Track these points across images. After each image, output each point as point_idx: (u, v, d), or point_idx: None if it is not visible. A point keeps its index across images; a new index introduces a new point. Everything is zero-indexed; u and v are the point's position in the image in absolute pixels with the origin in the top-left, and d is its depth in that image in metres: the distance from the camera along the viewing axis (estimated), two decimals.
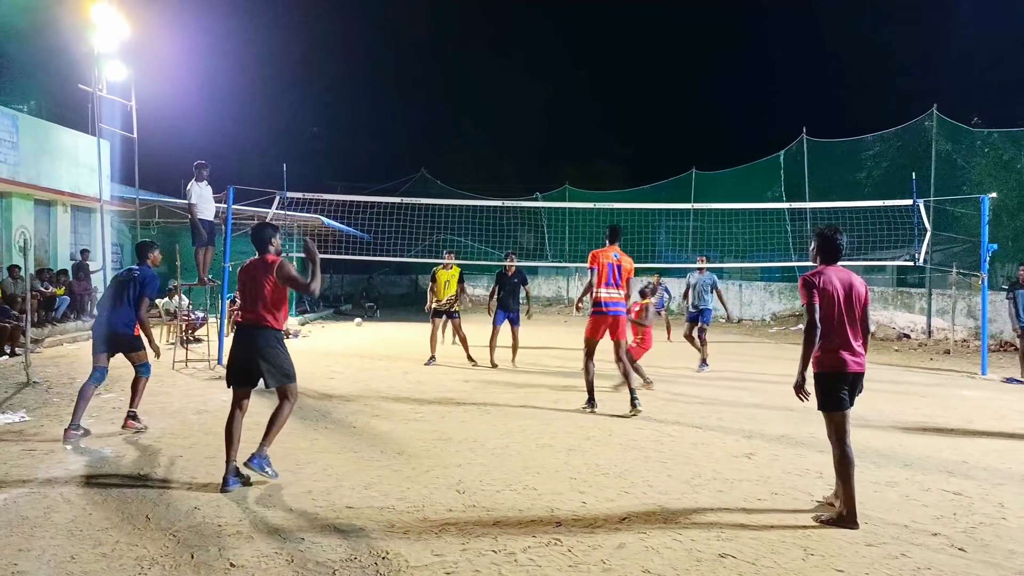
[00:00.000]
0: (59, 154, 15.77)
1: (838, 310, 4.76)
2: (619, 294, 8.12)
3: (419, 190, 30.75)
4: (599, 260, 8.10)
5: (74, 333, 14.16)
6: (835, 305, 4.76)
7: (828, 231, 5.03)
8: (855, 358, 4.77)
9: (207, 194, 11.11)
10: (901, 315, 18.17)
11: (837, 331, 4.76)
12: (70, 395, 8.42)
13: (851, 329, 4.78)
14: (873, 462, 6.10)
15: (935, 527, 4.58)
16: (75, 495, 4.90)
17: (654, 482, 5.43)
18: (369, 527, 4.40)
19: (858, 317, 4.83)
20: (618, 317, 8.08)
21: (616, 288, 8.10)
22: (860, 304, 4.84)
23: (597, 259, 8.11)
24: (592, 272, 8.10)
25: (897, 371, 12.16)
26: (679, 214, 23.27)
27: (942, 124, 17.83)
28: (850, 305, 4.79)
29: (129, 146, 17.48)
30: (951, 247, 17.16)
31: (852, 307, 4.80)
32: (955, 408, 8.74)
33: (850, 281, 4.86)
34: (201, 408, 7.86)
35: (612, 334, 8.12)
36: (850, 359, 4.75)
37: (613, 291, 8.08)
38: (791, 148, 22.45)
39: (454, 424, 7.32)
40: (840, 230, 5.05)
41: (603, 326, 8.07)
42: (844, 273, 4.90)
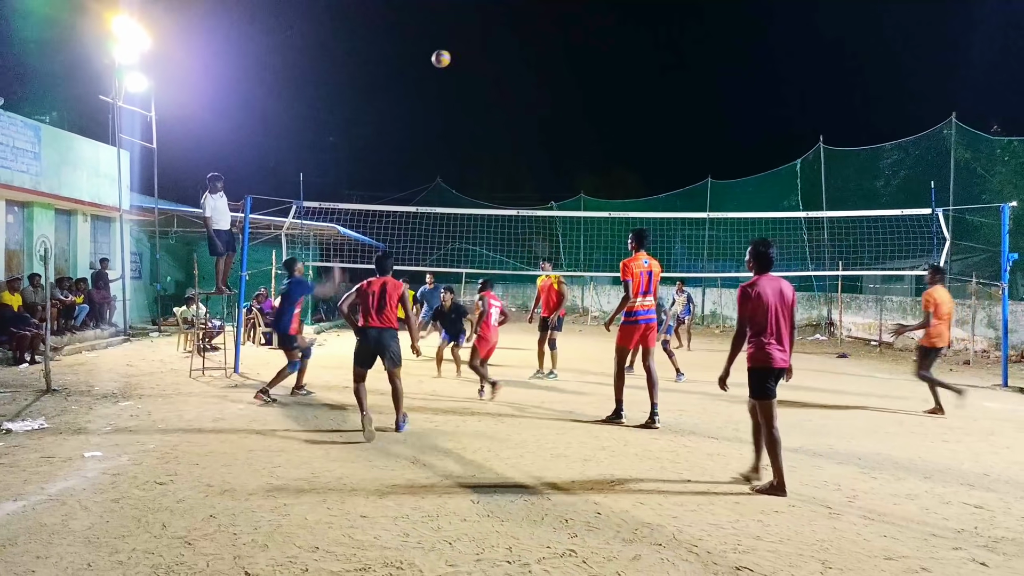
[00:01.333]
0: (80, 164, 15.97)
1: (771, 314, 5.50)
2: (652, 301, 8.06)
3: (434, 199, 30.86)
4: (632, 270, 7.95)
5: (93, 341, 14.31)
6: (768, 310, 5.49)
7: (761, 245, 5.75)
8: (782, 355, 5.56)
9: (222, 206, 11.19)
10: None
11: (770, 332, 5.50)
12: (88, 403, 8.51)
13: (781, 330, 5.54)
14: (892, 474, 6.02)
15: (956, 541, 4.51)
16: (92, 502, 4.94)
17: (670, 493, 5.39)
18: (383, 537, 4.40)
19: (786, 319, 5.57)
20: (650, 325, 8.01)
21: (650, 295, 8.03)
22: (788, 308, 5.61)
23: (630, 269, 7.96)
24: (627, 285, 7.96)
25: (916, 382, 11.99)
26: (694, 223, 23.18)
27: (961, 132, 17.68)
28: (780, 309, 5.54)
29: (148, 156, 17.74)
30: (971, 257, 16.99)
31: (781, 311, 5.54)
32: (976, 420, 8.63)
33: (780, 288, 5.61)
34: (217, 416, 7.90)
35: (643, 342, 8.05)
36: (778, 355, 5.54)
37: (648, 299, 8.00)
38: (808, 156, 22.34)
39: (469, 433, 7.31)
40: (771, 243, 5.78)
41: (636, 335, 7.98)
42: (775, 281, 5.65)
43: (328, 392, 9.65)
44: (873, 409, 9.24)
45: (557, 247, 29.84)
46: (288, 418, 7.93)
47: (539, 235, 28.82)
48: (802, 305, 22.11)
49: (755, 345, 5.53)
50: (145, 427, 7.29)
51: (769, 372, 5.51)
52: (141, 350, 14.15)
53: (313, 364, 12.74)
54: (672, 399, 9.23)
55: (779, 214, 19.56)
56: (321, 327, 20.19)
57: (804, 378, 12.17)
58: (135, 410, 8.15)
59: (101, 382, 10.11)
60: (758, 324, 5.50)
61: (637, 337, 7.99)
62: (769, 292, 5.52)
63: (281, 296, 9.78)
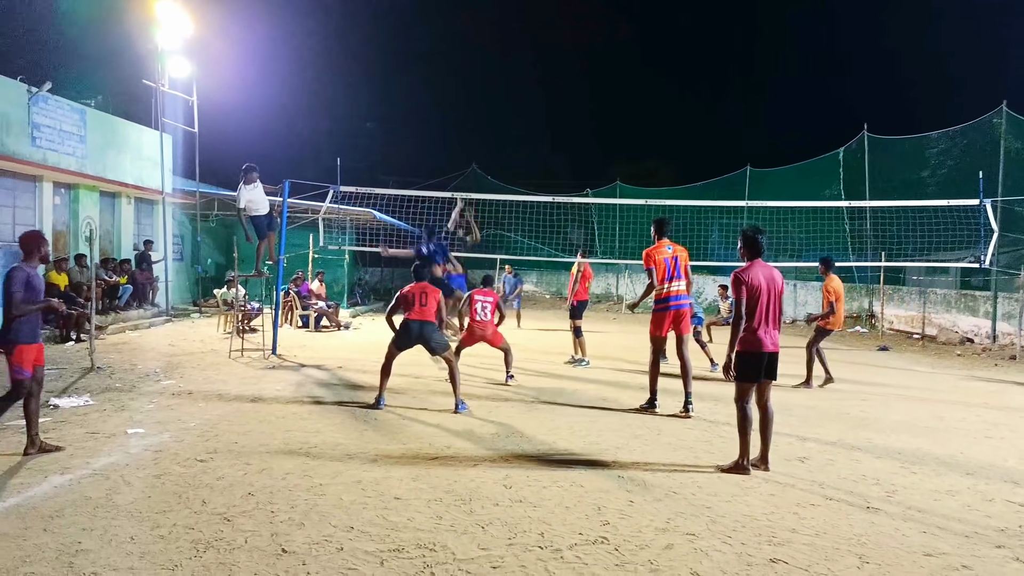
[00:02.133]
0: (124, 147, 16.29)
1: (763, 300, 5.64)
2: (681, 286, 7.95)
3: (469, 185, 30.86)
4: (654, 258, 7.96)
5: (136, 321, 14.64)
6: (760, 296, 5.64)
7: (751, 231, 5.89)
8: (772, 340, 5.69)
9: (258, 195, 11.30)
10: (964, 319, 17.53)
11: (760, 317, 5.64)
12: (132, 381, 8.72)
13: (770, 316, 5.69)
14: (933, 470, 5.90)
15: (999, 539, 4.41)
16: (135, 478, 5.06)
17: (703, 483, 5.35)
18: (417, 519, 4.44)
19: (775, 306, 5.73)
20: (681, 311, 7.92)
21: (678, 280, 7.94)
22: (778, 295, 5.75)
23: (652, 258, 7.97)
24: (651, 272, 7.96)
25: (959, 377, 11.74)
26: (732, 212, 22.83)
27: (1012, 121, 17.10)
28: (771, 296, 5.68)
29: (190, 140, 18.03)
30: (1019, 249, 16.48)
31: (772, 298, 5.69)
32: (1021, 416, 8.40)
33: (771, 275, 5.76)
34: (256, 397, 8.04)
35: (676, 328, 7.97)
36: (768, 341, 5.66)
37: (675, 284, 7.92)
38: (851, 145, 21.82)
39: (501, 418, 7.34)
40: (761, 230, 5.94)
41: (667, 321, 7.91)
42: (767, 268, 5.80)
43: (363, 375, 9.75)
44: (914, 403, 9.05)
45: (592, 234, 29.68)
46: (324, 400, 8.04)
47: (574, 222, 28.67)
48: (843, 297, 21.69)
49: (746, 329, 5.67)
50: (186, 406, 7.45)
51: (759, 357, 5.65)
52: (182, 330, 14.45)
53: (348, 347, 12.91)
54: (706, 389, 9.15)
55: (820, 203, 19.14)
56: (356, 311, 20.39)
57: (843, 371, 11.96)
58: (176, 389, 8.33)
59: (144, 361, 10.35)
60: (749, 309, 5.66)
61: (668, 323, 7.91)
62: (761, 278, 5.69)
63: None
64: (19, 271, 5.54)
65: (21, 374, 5.52)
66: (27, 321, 5.54)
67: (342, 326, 16.20)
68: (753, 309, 5.64)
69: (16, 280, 5.47)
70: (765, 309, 5.67)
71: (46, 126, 13.74)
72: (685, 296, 7.99)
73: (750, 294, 5.64)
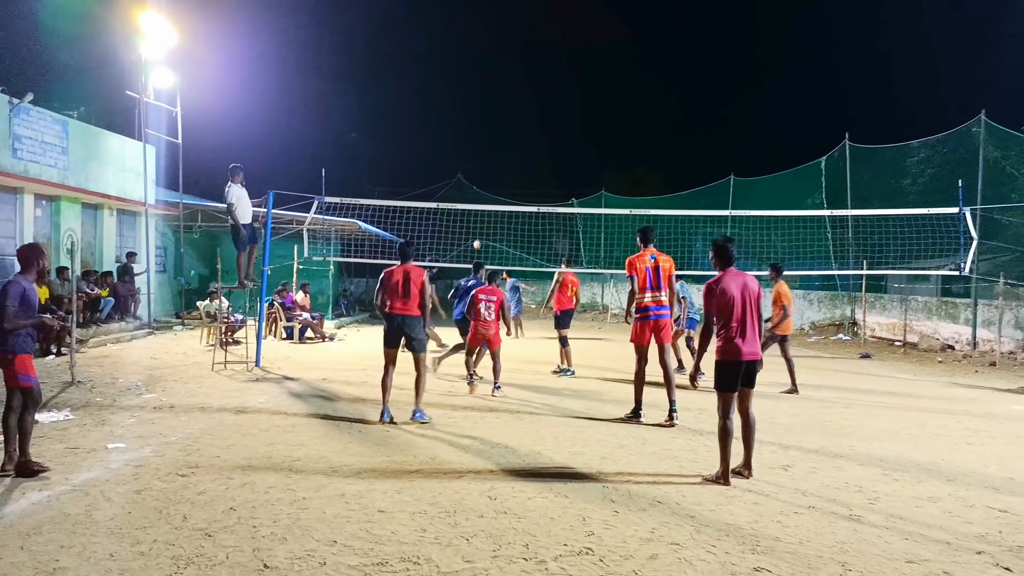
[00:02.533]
0: (107, 159, 16.19)
1: (737, 309, 5.63)
2: (662, 296, 7.99)
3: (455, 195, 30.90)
4: (636, 266, 8.03)
5: (117, 334, 14.51)
6: (733, 305, 5.63)
7: (720, 241, 5.93)
8: (750, 348, 5.64)
9: (245, 197, 11.29)
10: (945, 326, 17.71)
11: (735, 326, 5.62)
12: (113, 395, 8.63)
13: (747, 324, 5.64)
14: (914, 477, 5.95)
15: (979, 545, 4.45)
16: (115, 493, 5.01)
17: (688, 493, 5.36)
18: (401, 531, 4.42)
19: (752, 313, 5.68)
20: (660, 320, 7.97)
21: (658, 291, 7.98)
22: (754, 302, 5.72)
23: (634, 265, 8.04)
24: (632, 280, 8.04)
25: (941, 383, 11.85)
26: (717, 221, 22.98)
27: (990, 130, 17.34)
28: (745, 303, 5.66)
29: (174, 151, 17.94)
30: (998, 256, 16.67)
31: (747, 305, 5.66)
32: (1001, 422, 8.48)
33: (744, 282, 5.73)
34: (239, 410, 7.98)
35: (657, 337, 8.02)
36: (745, 349, 5.62)
37: (656, 294, 7.97)
38: (833, 154, 22.05)
39: (487, 430, 7.32)
40: (731, 239, 5.96)
41: (647, 330, 7.97)
42: (740, 276, 5.80)
43: (348, 387, 9.71)
44: (896, 410, 9.12)
45: (578, 244, 29.77)
46: (308, 412, 7.99)
47: (560, 232, 28.75)
48: (825, 305, 21.88)
49: (723, 339, 5.71)
50: (167, 420, 7.38)
51: (738, 365, 5.63)
52: (165, 343, 14.34)
53: (333, 358, 12.85)
54: (692, 397, 9.18)
55: (803, 212, 19.32)
56: (341, 322, 20.31)
57: (826, 378, 12.06)
58: (158, 403, 8.26)
59: (125, 374, 10.25)
60: (724, 319, 5.68)
61: (649, 332, 7.97)
62: (733, 287, 5.69)
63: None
64: (15, 285, 5.47)
65: (28, 380, 5.49)
66: (20, 333, 5.49)
67: (327, 337, 16.13)
68: (729, 318, 5.65)
69: (11, 294, 5.41)
70: (741, 317, 5.65)
71: (28, 137, 13.64)
72: (665, 307, 8.02)
73: (723, 304, 5.66)
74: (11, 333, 5.41)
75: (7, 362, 5.45)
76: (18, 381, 5.44)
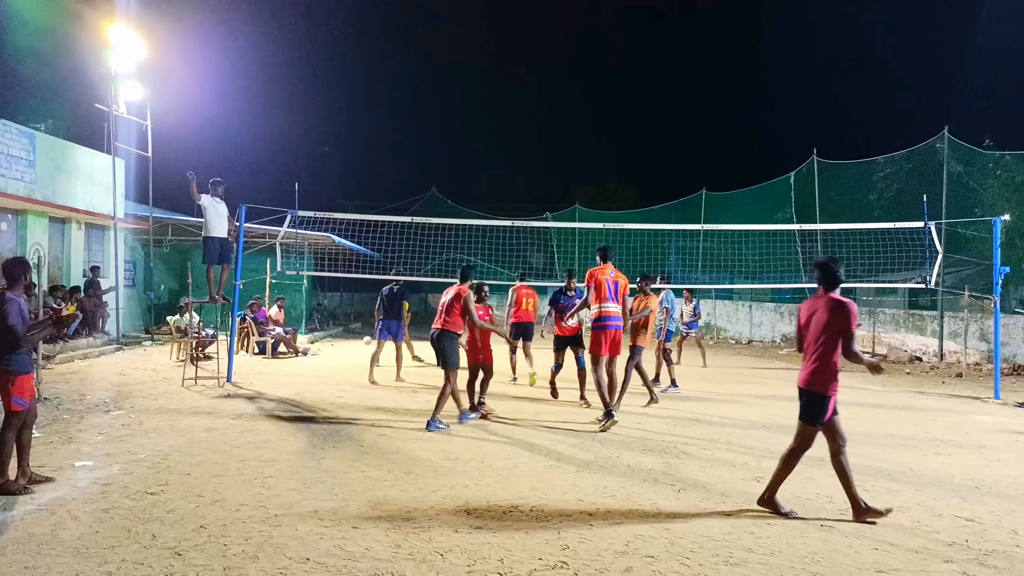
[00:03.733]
0: (75, 172, 15.94)
1: (804, 335, 5.42)
2: (617, 309, 8.50)
3: (430, 209, 30.89)
4: (596, 278, 8.49)
5: (85, 350, 14.25)
6: (799, 330, 5.49)
7: (822, 261, 5.45)
8: (801, 375, 5.43)
9: (221, 210, 11.19)
10: (913, 338, 18.03)
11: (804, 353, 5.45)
12: (80, 412, 8.47)
13: (806, 351, 5.39)
14: (884, 487, 6.03)
15: (948, 553, 4.52)
16: (82, 512, 4.91)
17: (662, 505, 5.39)
18: (375, 548, 4.38)
19: (814, 341, 5.28)
20: (617, 331, 8.47)
21: (615, 303, 8.47)
22: (817, 328, 5.25)
23: (595, 277, 8.51)
24: (589, 289, 8.50)
25: (909, 395, 12.05)
26: (689, 235, 23.24)
27: (954, 146, 17.78)
28: (808, 329, 5.36)
29: (144, 164, 17.73)
30: (963, 270, 17.04)
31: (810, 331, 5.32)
32: (968, 432, 8.64)
33: (816, 306, 5.33)
34: (210, 426, 7.87)
35: (610, 349, 8.43)
36: (800, 375, 5.43)
37: (612, 306, 8.44)
38: (802, 169, 22.43)
39: (462, 443, 7.30)
40: (835, 259, 5.45)
41: (605, 340, 8.38)
42: (818, 300, 5.38)
43: (321, 403, 9.63)
44: (866, 421, 9.25)
45: (552, 258, 29.87)
46: (281, 428, 7.91)
47: (534, 246, 28.83)
48: (795, 317, 22.13)
49: None
50: (136, 437, 7.26)
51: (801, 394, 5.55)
52: (134, 359, 14.10)
53: (306, 373, 12.73)
54: (667, 411, 9.24)
55: (773, 226, 19.59)
56: (315, 336, 20.15)
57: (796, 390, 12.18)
58: (127, 419, 8.12)
59: (93, 391, 10.07)
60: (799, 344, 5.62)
61: (606, 343, 8.37)
62: (804, 312, 5.51)
63: None
64: (12, 302, 5.35)
65: (20, 404, 5.41)
66: (24, 351, 5.40)
67: (300, 352, 15.98)
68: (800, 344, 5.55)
69: (12, 312, 5.31)
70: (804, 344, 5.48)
71: None
72: (619, 318, 8.52)
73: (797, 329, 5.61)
74: (15, 350, 5.33)
75: (9, 381, 5.36)
76: (10, 402, 5.37)
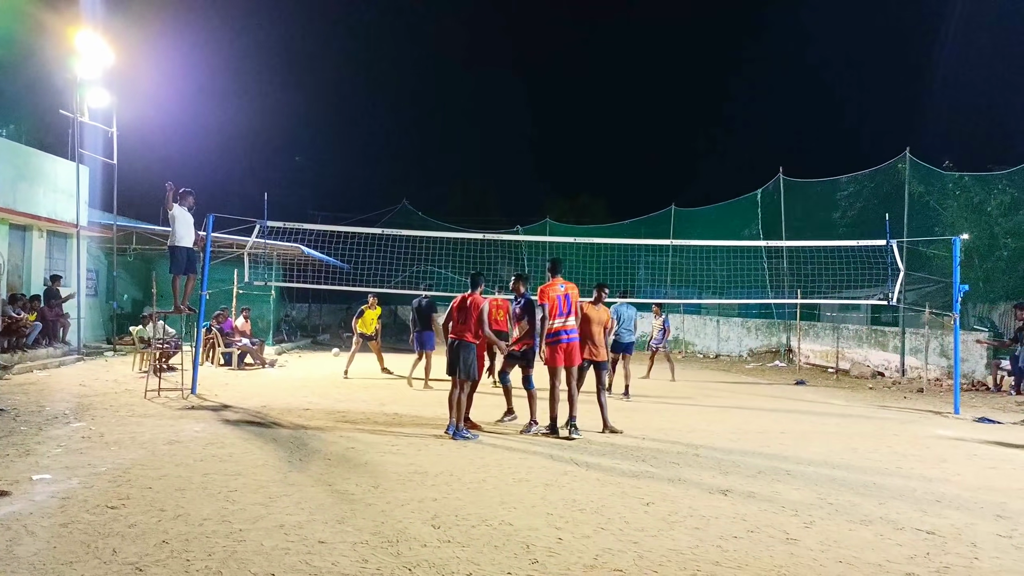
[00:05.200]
0: (37, 179, 15.63)
1: None
2: (572, 322, 8.67)
3: (400, 221, 30.78)
4: (548, 295, 8.63)
5: (44, 360, 13.92)
6: None
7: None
8: None
9: (190, 220, 11.06)
10: (875, 353, 18.38)
11: None
12: (38, 423, 8.26)
13: None
14: (848, 500, 6.12)
15: (908, 566, 4.60)
16: (39, 527, 4.78)
17: (631, 518, 5.41)
18: (342, 563, 4.33)
19: None
20: (571, 344, 8.63)
21: (567, 316, 8.64)
22: None
23: (547, 294, 8.62)
24: (543, 307, 8.62)
25: (871, 409, 12.25)
26: (658, 250, 23.43)
27: (915, 167, 18.21)
28: None
29: (109, 172, 17.44)
30: (924, 287, 17.43)
31: None
32: (928, 447, 8.82)
33: None
34: (173, 439, 7.73)
35: (565, 360, 8.59)
36: None
37: (565, 320, 8.61)
38: (768, 187, 22.80)
39: (431, 457, 7.26)
40: None
41: (560, 354, 8.57)
42: None
43: (288, 415, 9.51)
44: (830, 436, 9.39)
45: (522, 271, 29.91)
46: (246, 441, 7.79)
47: (505, 259, 28.87)
48: (762, 332, 22.47)
49: None
50: (97, 449, 7.10)
51: None
52: (95, 370, 13.81)
53: (273, 385, 12.58)
54: (636, 424, 9.28)
55: (740, 243, 19.89)
56: (282, 348, 19.92)
57: (763, 404, 12.36)
58: (87, 432, 7.93)
59: (52, 402, 9.83)
60: None
61: (561, 355, 8.56)
62: None
63: None
64: None
65: None
66: None
67: (267, 364, 15.78)
68: None
69: None
70: None
71: None
72: (574, 331, 8.69)
73: None
74: None
75: None
76: None
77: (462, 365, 8.26)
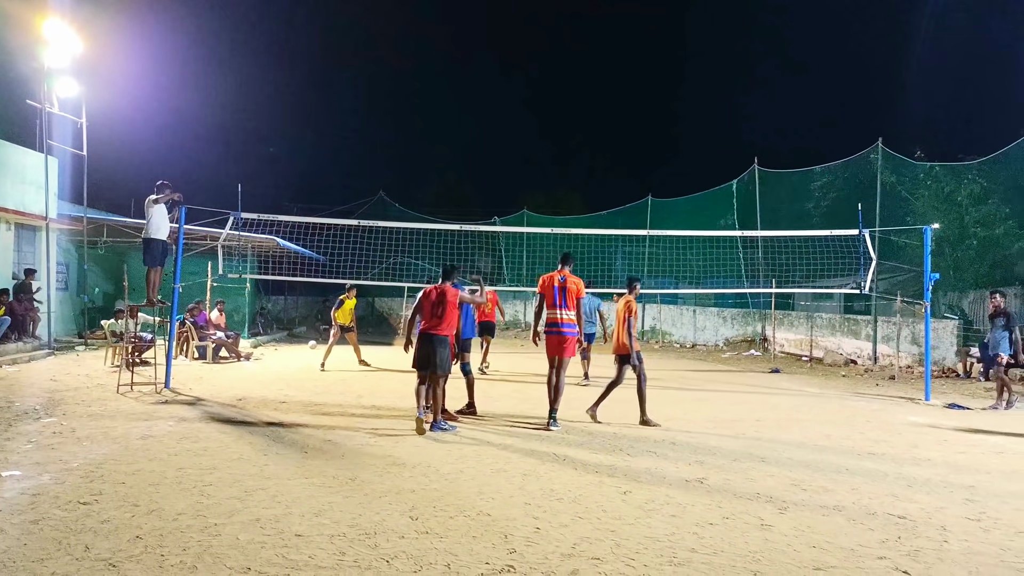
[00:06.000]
0: (4, 171, 15.30)
1: None
2: (567, 315, 8.65)
3: (377, 212, 30.63)
4: (544, 284, 8.73)
5: (14, 355, 13.68)
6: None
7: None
8: None
9: (164, 212, 10.94)
10: (848, 341, 18.63)
11: None
12: (8, 419, 8.13)
13: None
14: (821, 486, 6.20)
15: (880, 551, 4.67)
16: (9, 524, 4.70)
17: (608, 507, 5.44)
18: (319, 556, 4.31)
19: None
20: (563, 336, 8.62)
21: (563, 309, 8.63)
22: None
23: (543, 282, 8.73)
24: (541, 297, 8.75)
25: (844, 396, 12.43)
26: (635, 240, 23.56)
27: (887, 157, 18.45)
28: None
29: (79, 163, 17.12)
30: (896, 276, 17.69)
31: None
32: (900, 433, 8.96)
33: None
34: (146, 433, 7.64)
35: (557, 351, 8.63)
36: None
37: (560, 312, 8.63)
38: (743, 177, 22.98)
39: (408, 449, 7.24)
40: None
41: (553, 343, 8.64)
42: None
43: (264, 408, 9.44)
44: (804, 423, 9.51)
45: (500, 262, 29.93)
46: (221, 435, 7.72)
47: (482, 250, 28.84)
48: (737, 321, 22.67)
49: None
50: (69, 445, 6.99)
51: None
52: (66, 364, 13.60)
53: (248, 379, 12.47)
54: (612, 414, 9.32)
55: (716, 233, 20.02)
56: (258, 341, 19.75)
57: (738, 392, 12.49)
58: (58, 427, 7.81)
59: (22, 398, 9.67)
60: None
61: (554, 346, 8.61)
62: None
63: None
64: None
65: None
66: None
67: (243, 357, 15.64)
68: None
69: None
70: None
71: None
72: (572, 324, 8.66)
73: None
74: None
75: None
76: None
77: (438, 360, 8.10)
